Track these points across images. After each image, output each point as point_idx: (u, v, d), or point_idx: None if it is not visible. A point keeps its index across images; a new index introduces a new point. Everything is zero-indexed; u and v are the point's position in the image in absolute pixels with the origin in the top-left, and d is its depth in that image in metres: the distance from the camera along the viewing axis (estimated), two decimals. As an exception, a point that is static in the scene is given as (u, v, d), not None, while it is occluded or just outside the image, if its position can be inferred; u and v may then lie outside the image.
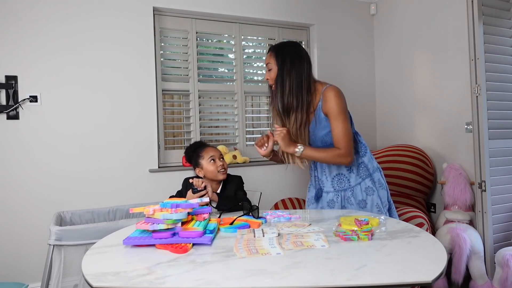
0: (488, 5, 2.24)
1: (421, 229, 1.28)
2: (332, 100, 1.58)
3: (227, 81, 3.09)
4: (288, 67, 1.61)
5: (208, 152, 2.00)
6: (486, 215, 2.21)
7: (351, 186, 1.69)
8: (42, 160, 2.41)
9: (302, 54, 1.64)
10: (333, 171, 1.71)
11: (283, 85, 1.61)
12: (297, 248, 1.09)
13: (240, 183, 2.07)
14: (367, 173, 1.69)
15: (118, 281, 0.90)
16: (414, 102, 3.14)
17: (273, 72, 1.64)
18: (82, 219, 2.18)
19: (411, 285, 0.87)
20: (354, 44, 3.42)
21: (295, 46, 1.67)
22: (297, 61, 1.61)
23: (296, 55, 1.63)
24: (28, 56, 2.38)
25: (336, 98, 1.59)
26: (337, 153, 1.59)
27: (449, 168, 2.62)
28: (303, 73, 1.61)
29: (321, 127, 1.64)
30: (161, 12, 2.79)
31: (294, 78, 1.60)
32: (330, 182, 1.72)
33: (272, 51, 1.66)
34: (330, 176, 1.72)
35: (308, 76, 1.63)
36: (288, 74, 1.60)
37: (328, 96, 1.59)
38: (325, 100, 1.60)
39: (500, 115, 2.29)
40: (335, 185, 1.71)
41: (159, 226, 1.16)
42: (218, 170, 1.95)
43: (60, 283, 1.78)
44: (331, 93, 1.59)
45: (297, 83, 1.60)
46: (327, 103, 1.59)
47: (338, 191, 1.71)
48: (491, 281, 2.20)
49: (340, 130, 1.58)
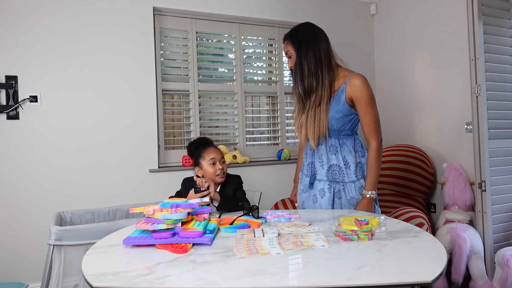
0: (488, 5, 2.24)
1: (421, 229, 1.28)
2: (363, 88, 1.60)
3: (227, 81, 3.09)
4: (305, 50, 1.63)
5: (210, 153, 2.00)
6: (486, 215, 2.21)
7: (344, 181, 1.68)
8: (42, 160, 2.42)
9: (317, 32, 1.66)
10: (330, 160, 1.70)
11: (302, 68, 1.63)
12: (297, 248, 1.09)
13: (239, 182, 2.07)
14: (362, 174, 1.69)
15: (118, 281, 0.90)
16: (414, 102, 3.14)
17: (294, 58, 1.67)
18: (82, 219, 2.18)
19: (411, 285, 0.87)
20: (354, 44, 3.42)
21: (308, 27, 1.69)
22: (312, 42, 1.63)
23: (310, 36, 1.64)
24: (28, 56, 2.38)
25: (365, 85, 1.60)
26: (375, 152, 1.63)
27: (449, 168, 2.62)
28: (321, 51, 1.63)
29: (336, 109, 1.64)
30: (161, 12, 2.79)
31: (312, 58, 1.62)
32: (326, 171, 1.70)
33: (287, 39, 1.69)
34: (327, 164, 1.70)
35: (327, 53, 1.65)
36: (306, 57, 1.63)
37: (357, 83, 1.60)
38: (353, 86, 1.60)
39: (500, 115, 2.29)
40: (329, 175, 1.70)
41: (159, 226, 1.16)
42: (217, 174, 1.95)
43: (60, 283, 1.78)
44: (359, 80, 1.60)
45: (315, 63, 1.62)
46: (356, 90, 1.60)
47: (331, 182, 1.70)
48: (491, 281, 2.20)
49: (371, 117, 1.62)
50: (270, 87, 3.21)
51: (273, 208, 2.75)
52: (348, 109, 1.64)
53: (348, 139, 1.70)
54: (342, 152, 1.68)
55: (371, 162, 1.64)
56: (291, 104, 3.31)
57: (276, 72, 3.22)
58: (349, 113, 1.65)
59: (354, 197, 1.67)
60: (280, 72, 3.22)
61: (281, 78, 3.22)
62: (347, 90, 1.62)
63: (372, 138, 1.63)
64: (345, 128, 1.67)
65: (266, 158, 3.16)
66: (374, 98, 1.64)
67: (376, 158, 1.63)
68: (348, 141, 1.69)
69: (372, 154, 1.64)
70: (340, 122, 1.65)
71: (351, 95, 1.61)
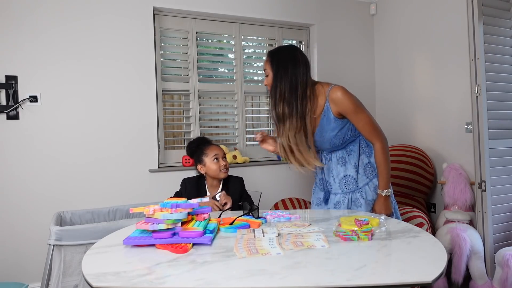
0: (488, 5, 2.24)
1: (421, 229, 1.28)
2: (344, 100, 1.57)
3: (227, 81, 3.09)
4: (282, 73, 1.57)
5: (212, 150, 2.02)
6: (486, 215, 2.21)
7: (359, 187, 1.68)
8: (42, 160, 2.41)
9: (297, 58, 1.60)
10: (340, 173, 1.70)
11: (276, 92, 1.58)
12: (297, 248, 1.09)
13: (243, 185, 2.09)
14: (374, 173, 1.69)
15: (118, 281, 0.90)
16: (414, 102, 3.14)
17: (269, 78, 1.62)
18: (82, 219, 2.18)
19: (411, 285, 0.87)
20: (354, 44, 3.42)
21: (291, 50, 1.63)
22: (291, 66, 1.58)
23: (290, 60, 1.59)
24: (28, 56, 2.38)
25: (347, 96, 1.58)
26: (381, 151, 1.62)
27: (449, 168, 2.62)
28: (298, 78, 1.57)
29: (330, 128, 1.63)
30: (161, 12, 2.79)
31: (287, 84, 1.57)
32: (338, 183, 1.71)
33: (268, 57, 1.64)
34: (338, 177, 1.71)
35: (304, 81, 1.59)
36: (280, 81, 1.57)
37: (337, 98, 1.57)
38: (335, 103, 1.58)
39: (500, 115, 2.29)
40: (343, 187, 1.70)
41: (159, 226, 1.16)
42: (221, 169, 1.99)
43: (60, 283, 1.78)
44: (338, 94, 1.58)
45: (290, 89, 1.57)
46: (340, 105, 1.58)
47: (345, 193, 1.69)
48: (491, 281, 2.19)
49: (365, 122, 1.60)
50: (270, 87, 3.21)
51: (273, 208, 2.75)
52: (340, 122, 1.62)
53: (354, 145, 1.70)
54: (350, 161, 1.69)
55: (379, 161, 1.64)
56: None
57: (276, 72, 3.22)
58: (344, 123, 1.64)
59: (372, 199, 1.68)
60: (280, 72, 3.21)
61: (281, 78, 3.22)
62: (331, 107, 1.59)
63: (374, 139, 1.63)
64: (348, 137, 1.67)
65: (266, 158, 3.16)
66: (360, 103, 1.61)
67: (383, 157, 1.63)
68: (355, 146, 1.70)
69: (378, 155, 1.63)
70: (340, 137, 1.65)
71: (337, 110, 1.60)
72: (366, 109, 1.64)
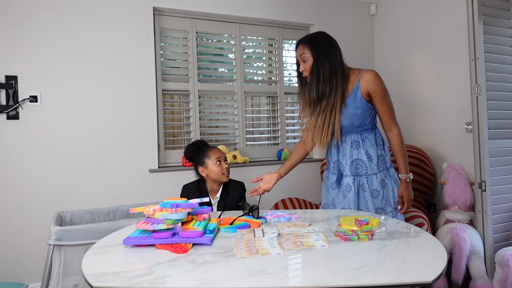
0: (488, 5, 2.24)
1: (421, 229, 1.28)
2: (377, 81, 1.69)
3: (227, 81, 3.09)
4: (322, 57, 1.69)
5: (215, 153, 2.02)
6: (486, 215, 2.21)
7: (368, 173, 1.73)
8: (42, 160, 2.41)
9: (333, 43, 1.74)
10: (353, 155, 1.75)
11: (318, 75, 1.69)
12: (297, 248, 1.09)
13: (243, 191, 2.09)
14: (384, 166, 1.75)
15: (118, 281, 0.90)
16: (414, 102, 3.14)
17: (309, 63, 1.71)
18: (82, 219, 2.18)
19: (411, 285, 0.87)
20: (354, 44, 3.42)
21: (326, 36, 1.77)
22: (329, 51, 1.71)
23: (328, 45, 1.72)
24: (28, 56, 2.38)
25: (379, 79, 1.70)
26: (401, 136, 1.75)
27: (449, 168, 2.62)
28: (336, 61, 1.70)
29: (354, 106, 1.70)
30: (161, 12, 2.79)
31: (327, 67, 1.69)
32: (349, 166, 1.75)
33: (305, 43, 1.74)
34: (350, 159, 1.75)
35: (341, 63, 1.72)
36: (322, 64, 1.69)
37: (371, 77, 1.68)
38: (367, 81, 1.68)
39: (500, 115, 2.29)
40: (353, 170, 1.75)
41: (159, 226, 1.16)
42: (223, 173, 1.99)
43: (60, 283, 1.79)
44: (372, 75, 1.69)
45: (330, 71, 1.69)
46: (371, 84, 1.68)
47: (355, 176, 1.74)
48: (491, 281, 2.20)
49: (388, 106, 1.73)
50: (270, 87, 3.21)
51: (273, 208, 2.75)
52: (365, 104, 1.71)
53: (370, 134, 1.76)
54: (364, 146, 1.74)
55: (398, 147, 1.74)
56: (291, 104, 3.31)
57: (276, 72, 3.22)
58: (367, 108, 1.72)
59: (376, 189, 1.73)
60: (280, 72, 3.22)
61: (281, 78, 3.22)
62: (362, 85, 1.69)
63: (393, 125, 1.74)
64: (366, 123, 1.74)
65: (266, 158, 3.16)
66: (387, 89, 1.73)
67: (402, 142, 1.74)
68: (370, 135, 1.76)
69: (398, 139, 1.74)
70: (361, 118, 1.72)
71: (367, 90, 1.69)
72: (391, 98, 1.76)
